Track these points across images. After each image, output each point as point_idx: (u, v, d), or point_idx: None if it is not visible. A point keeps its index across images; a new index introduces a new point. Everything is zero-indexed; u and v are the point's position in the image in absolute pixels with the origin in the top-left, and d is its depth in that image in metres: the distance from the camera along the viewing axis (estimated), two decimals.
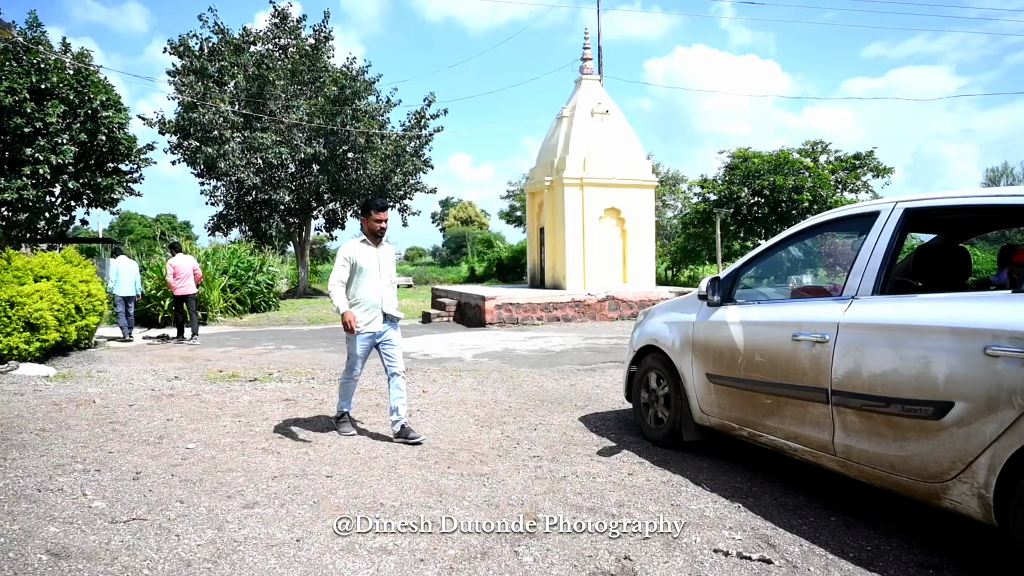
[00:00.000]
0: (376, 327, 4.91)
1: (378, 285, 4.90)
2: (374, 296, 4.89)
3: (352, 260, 4.86)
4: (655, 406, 4.79)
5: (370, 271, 4.88)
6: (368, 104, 24.04)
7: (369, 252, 4.94)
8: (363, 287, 4.86)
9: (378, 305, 4.89)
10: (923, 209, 3.30)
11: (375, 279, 4.89)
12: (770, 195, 23.91)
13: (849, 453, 3.23)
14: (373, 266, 4.91)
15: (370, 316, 4.87)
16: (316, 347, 10.76)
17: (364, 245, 4.95)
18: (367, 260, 4.90)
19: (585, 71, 16.64)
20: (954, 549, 3.02)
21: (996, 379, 2.58)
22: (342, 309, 4.76)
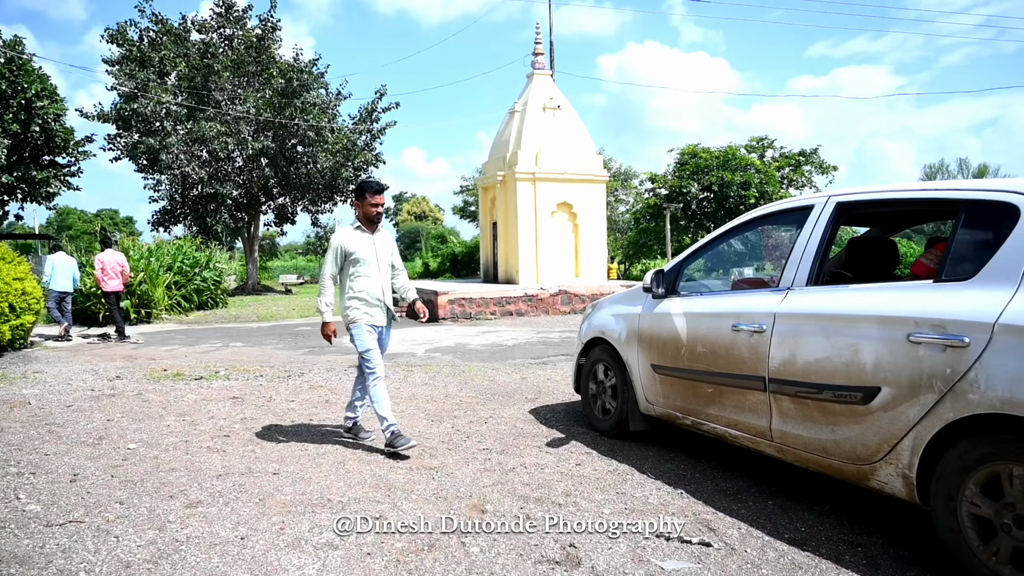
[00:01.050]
0: (380, 320, 4.51)
1: (378, 277, 4.48)
2: (375, 288, 4.46)
3: (345, 250, 4.40)
4: (603, 397, 4.87)
5: (368, 261, 4.45)
6: (317, 97, 23.68)
7: (364, 240, 4.48)
8: (362, 280, 4.44)
9: (380, 298, 4.48)
10: (854, 203, 3.44)
11: (374, 269, 4.46)
12: (719, 190, 24.45)
13: (785, 438, 3.35)
14: (370, 255, 4.47)
15: (373, 310, 4.47)
16: (265, 344, 10.58)
17: (359, 232, 4.49)
18: (363, 249, 4.45)
19: (537, 66, 16.70)
20: (882, 527, 3.17)
21: (918, 365, 2.71)
22: (325, 318, 4.38)
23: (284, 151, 22.91)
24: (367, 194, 4.47)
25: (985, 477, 2.52)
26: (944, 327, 2.64)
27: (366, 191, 4.48)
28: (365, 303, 4.44)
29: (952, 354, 2.59)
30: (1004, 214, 2.66)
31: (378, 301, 4.48)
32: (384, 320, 4.55)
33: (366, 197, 4.46)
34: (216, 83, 21.57)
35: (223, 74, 21.56)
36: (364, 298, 4.43)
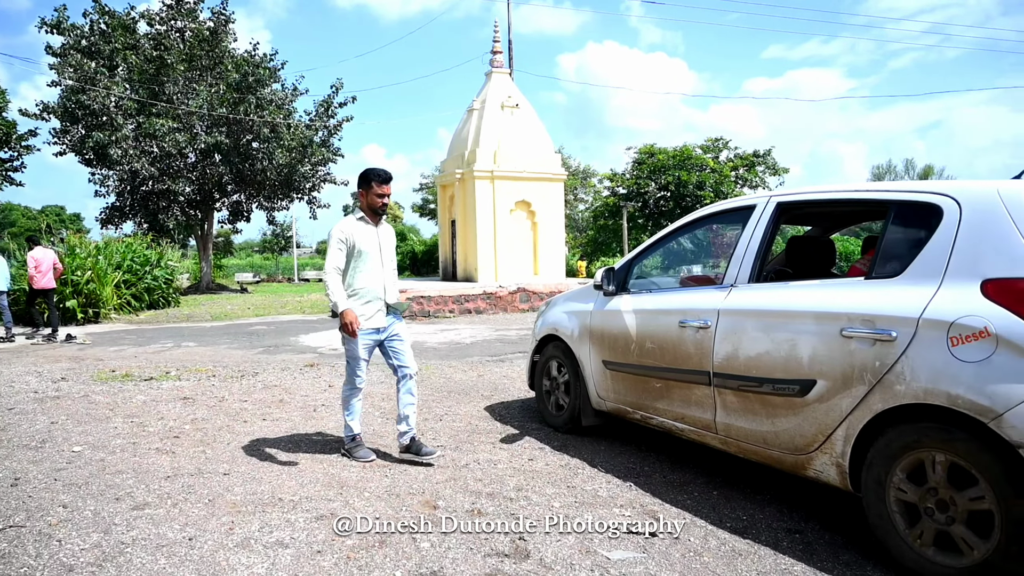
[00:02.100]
0: (380, 321, 4.18)
1: (380, 272, 4.18)
2: (376, 285, 4.15)
3: (349, 242, 4.10)
4: (556, 393, 4.95)
5: (370, 255, 4.15)
6: (273, 92, 23.32)
7: (368, 232, 4.18)
8: (363, 274, 4.13)
9: (381, 296, 4.17)
10: (793, 203, 3.57)
11: (376, 264, 4.17)
12: (675, 189, 24.85)
13: (729, 431, 3.46)
14: (373, 249, 4.17)
15: (372, 309, 4.14)
16: (218, 344, 10.40)
17: (362, 224, 4.18)
18: (367, 242, 4.15)
19: (495, 64, 16.74)
20: (819, 514, 3.30)
21: (850, 358, 2.83)
22: (341, 306, 4.00)
23: (239, 147, 22.49)
24: (373, 183, 4.16)
25: (910, 464, 2.65)
26: (873, 322, 2.77)
27: (372, 179, 4.16)
28: (366, 301, 4.13)
29: (881, 348, 2.72)
30: (929, 214, 2.80)
31: (379, 299, 4.17)
32: (384, 321, 4.20)
33: (372, 186, 4.16)
34: (169, 76, 21.05)
35: (176, 67, 21.06)
36: (364, 296, 4.12)
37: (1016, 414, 2.30)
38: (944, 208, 2.75)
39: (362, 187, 4.20)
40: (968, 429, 2.45)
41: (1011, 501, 2.33)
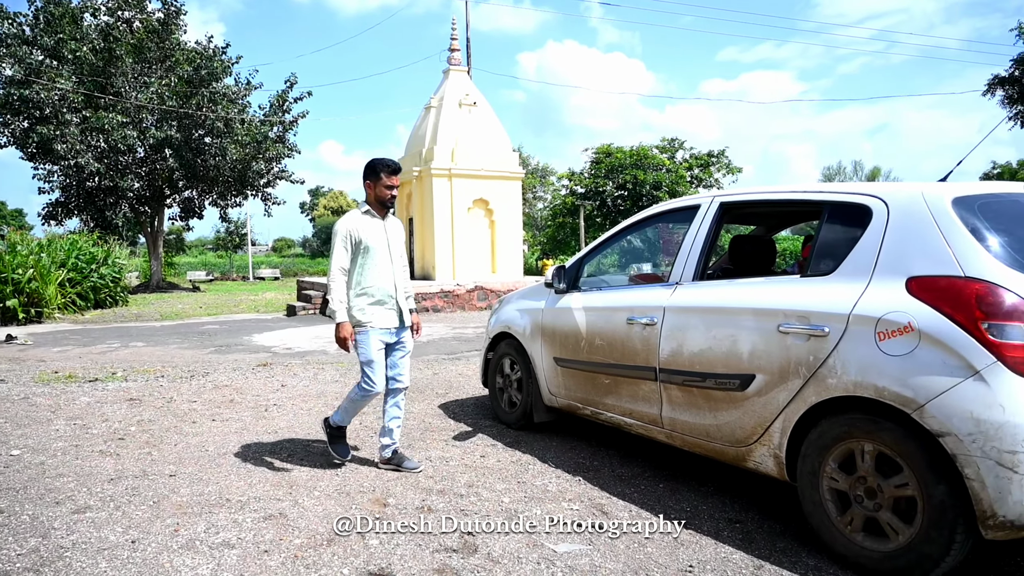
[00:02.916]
0: (392, 321, 3.93)
1: (390, 270, 3.93)
2: (386, 283, 3.90)
3: (355, 238, 3.83)
4: (509, 390, 4.99)
5: (379, 251, 3.89)
6: (226, 86, 22.81)
7: (375, 227, 3.93)
8: (372, 272, 3.86)
9: (392, 295, 3.91)
10: (735, 203, 3.68)
11: (385, 262, 3.92)
12: (632, 189, 25.16)
13: (674, 425, 3.55)
14: (382, 245, 3.91)
15: (384, 310, 3.88)
16: (168, 344, 10.16)
17: (368, 218, 3.93)
18: (374, 237, 3.89)
19: (453, 62, 16.70)
20: (759, 504, 3.42)
21: (787, 353, 2.94)
22: (338, 317, 3.78)
23: (190, 142, 21.94)
24: (382, 173, 3.89)
25: (842, 454, 2.77)
26: (808, 318, 2.88)
27: (381, 170, 3.89)
28: (374, 302, 3.86)
29: (814, 343, 2.83)
30: (859, 215, 2.92)
31: (390, 298, 3.91)
32: (396, 322, 3.95)
33: (381, 177, 3.89)
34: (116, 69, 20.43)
35: (124, 60, 20.45)
36: (373, 295, 3.86)
37: (936, 405, 2.42)
38: (873, 209, 2.88)
39: (369, 178, 3.94)
40: (894, 420, 2.57)
41: (932, 487, 2.45)
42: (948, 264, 2.57)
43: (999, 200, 2.82)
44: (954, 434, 2.38)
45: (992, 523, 2.34)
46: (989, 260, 2.53)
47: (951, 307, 2.49)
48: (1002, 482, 2.30)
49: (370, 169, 3.94)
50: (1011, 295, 2.44)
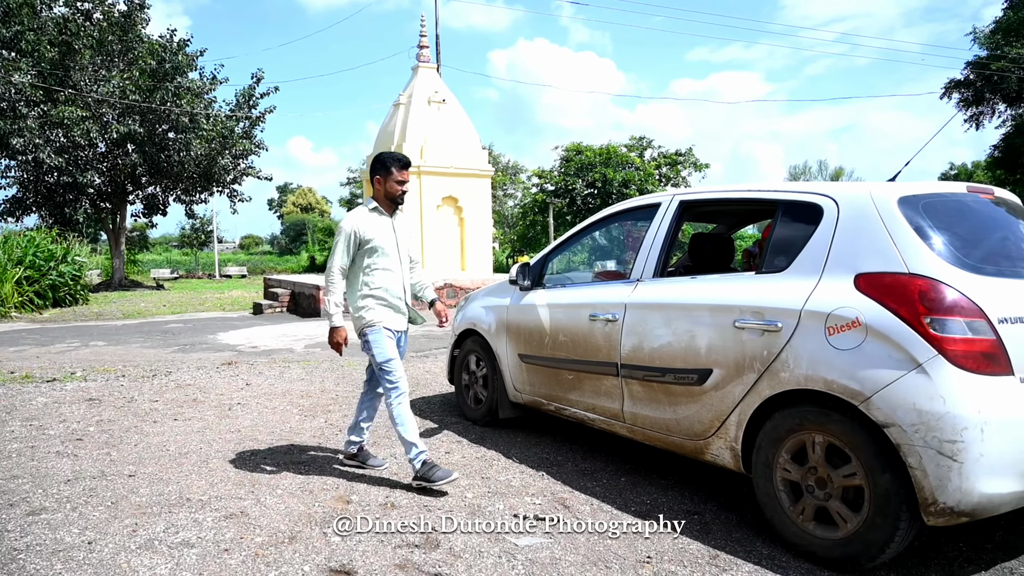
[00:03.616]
0: (400, 325, 3.76)
1: (399, 271, 3.74)
2: (395, 286, 3.71)
3: (360, 236, 3.60)
4: (475, 387, 5.01)
5: (388, 251, 3.68)
6: (191, 81, 22.41)
7: (383, 225, 3.70)
8: (380, 274, 3.66)
9: (401, 298, 3.73)
10: (694, 201, 3.75)
11: (394, 263, 3.71)
12: (602, 187, 25.33)
13: (635, 419, 3.61)
14: (391, 244, 3.70)
15: (394, 314, 3.71)
16: (130, 343, 9.98)
17: (376, 215, 3.70)
18: (383, 236, 3.67)
19: (422, 59, 16.62)
20: (716, 496, 3.50)
21: (742, 348, 3.01)
22: (335, 321, 3.59)
23: (153, 137, 21.51)
24: (393, 168, 3.67)
25: (794, 446, 2.85)
26: (762, 314, 2.96)
27: (392, 164, 3.67)
28: (384, 303, 3.67)
29: (768, 338, 2.91)
30: (811, 214, 3.00)
31: (399, 301, 3.73)
32: (403, 326, 3.79)
33: (392, 171, 3.66)
34: (77, 62, 19.93)
35: (84, 52, 19.95)
36: (383, 297, 3.66)
37: (882, 396, 2.51)
38: (824, 208, 2.96)
39: (379, 172, 3.70)
40: (842, 412, 2.66)
41: (878, 477, 2.54)
42: (893, 261, 2.66)
43: (942, 200, 2.93)
44: (898, 425, 2.47)
45: (933, 510, 2.43)
46: (932, 257, 2.62)
47: (896, 303, 2.58)
48: (943, 470, 2.39)
49: (379, 163, 3.71)
50: (952, 291, 2.54)
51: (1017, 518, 3.19)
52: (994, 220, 3.03)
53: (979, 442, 2.38)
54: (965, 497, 2.39)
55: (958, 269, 2.60)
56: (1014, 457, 2.43)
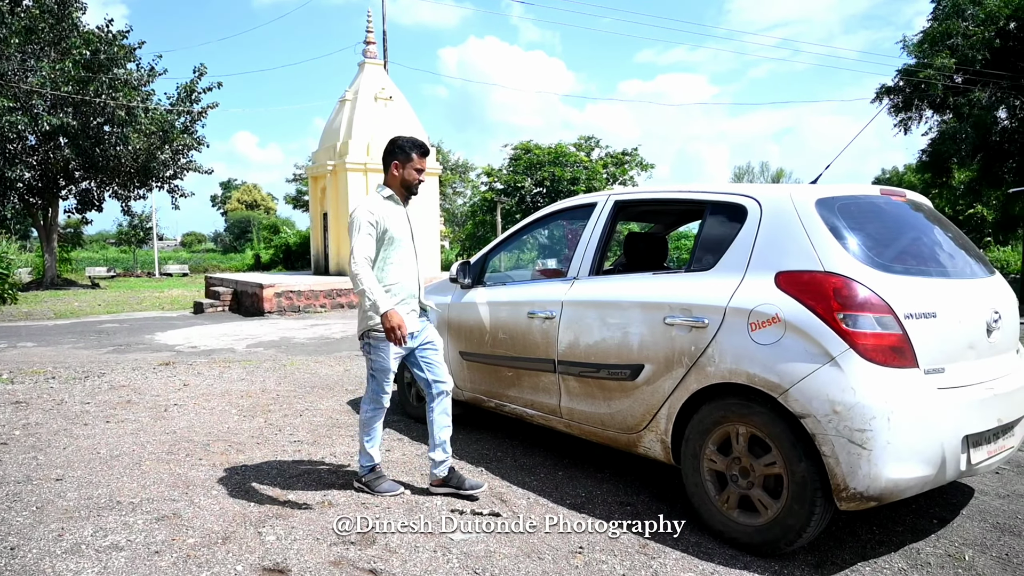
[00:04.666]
0: (413, 325, 3.45)
1: (414, 265, 3.50)
2: (410, 280, 3.44)
3: (380, 226, 3.34)
4: (417, 385, 5.02)
5: (403, 243, 3.43)
6: (128, 72, 21.67)
7: (399, 215, 3.44)
8: (395, 267, 3.39)
9: (415, 295, 3.48)
10: (629, 201, 3.85)
11: (410, 255, 3.46)
12: (551, 185, 25.49)
13: (572, 415, 3.69)
14: (406, 235, 3.45)
15: (405, 310, 3.40)
16: (62, 343, 9.62)
17: (391, 204, 3.43)
18: (399, 227, 3.41)
19: (368, 55, 16.48)
20: (649, 487, 3.61)
21: (672, 343, 3.11)
22: (383, 306, 3.19)
23: (88, 130, 20.73)
24: (413, 154, 3.42)
25: (720, 437, 2.96)
26: (690, 311, 3.06)
27: (412, 150, 3.42)
28: (398, 302, 3.36)
29: (696, 334, 3.02)
30: (736, 213, 3.13)
31: (412, 298, 3.46)
32: (417, 325, 3.49)
33: (412, 157, 3.42)
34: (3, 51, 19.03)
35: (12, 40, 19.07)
36: (396, 294, 3.37)
37: (799, 389, 2.64)
38: (748, 208, 3.09)
39: (397, 158, 3.43)
40: (763, 404, 2.78)
41: (795, 465, 2.67)
42: (810, 260, 2.79)
43: (857, 201, 3.09)
44: (813, 415, 2.60)
45: (845, 495, 2.57)
46: (845, 256, 2.77)
47: (812, 299, 2.71)
48: (853, 458, 2.53)
49: (398, 148, 3.44)
50: (864, 288, 2.68)
51: (928, 502, 3.40)
52: (905, 221, 3.21)
53: (886, 431, 2.52)
54: (874, 483, 2.54)
55: (869, 268, 2.75)
56: (918, 444, 2.59)
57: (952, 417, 2.67)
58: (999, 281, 3.27)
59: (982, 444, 2.82)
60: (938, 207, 27.56)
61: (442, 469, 3.50)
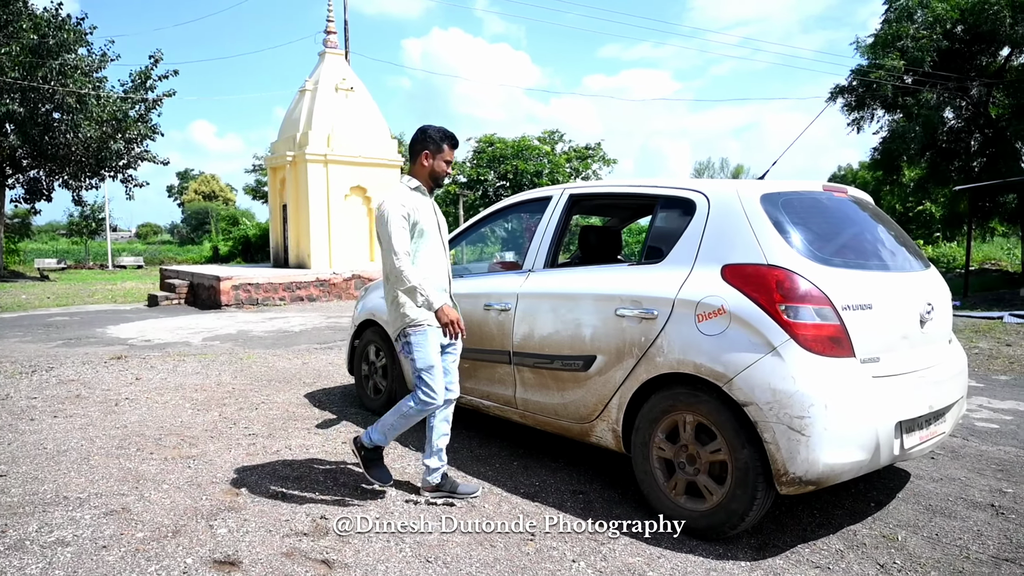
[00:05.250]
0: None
1: (443, 258, 3.39)
2: (440, 272, 3.34)
3: (412, 217, 3.20)
4: (374, 377, 5.02)
5: (432, 235, 3.31)
6: (79, 58, 21.00)
7: (427, 207, 3.32)
8: (426, 261, 3.27)
9: (446, 288, 3.40)
10: (583, 195, 3.91)
11: (438, 246, 3.35)
12: (514, 179, 25.55)
13: (527, 405, 3.74)
14: (434, 227, 3.34)
15: (441, 303, 3.18)
16: (7, 336, 9.33)
17: (419, 195, 3.30)
18: (428, 218, 3.30)
19: (329, 45, 16.26)
20: (601, 476, 3.68)
21: (623, 335, 3.18)
22: (436, 302, 3.09)
23: (36, 117, 20.04)
24: (444, 144, 3.31)
25: (668, 425, 3.04)
26: (640, 303, 3.13)
27: (443, 141, 3.30)
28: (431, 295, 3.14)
29: (646, 325, 3.09)
30: (685, 208, 3.21)
31: (444, 292, 3.37)
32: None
33: (443, 149, 3.31)
34: None
35: None
36: (432, 285, 3.21)
37: (743, 378, 2.73)
38: (697, 203, 3.17)
39: (427, 148, 3.29)
40: (710, 393, 2.86)
41: (738, 452, 2.76)
42: (755, 253, 2.88)
43: (800, 197, 3.19)
44: (756, 403, 2.69)
45: (785, 480, 2.67)
46: (788, 250, 2.86)
47: (755, 291, 2.80)
48: (792, 444, 2.63)
49: (428, 138, 3.30)
50: (805, 281, 2.78)
51: (866, 487, 3.54)
52: (846, 216, 3.33)
53: (823, 417, 2.63)
54: (811, 467, 2.64)
55: (810, 261, 2.85)
56: (854, 431, 2.70)
57: (886, 404, 2.79)
58: (934, 274, 3.41)
59: (915, 430, 2.96)
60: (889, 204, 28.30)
61: (435, 476, 3.39)
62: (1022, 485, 3.61)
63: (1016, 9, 16.09)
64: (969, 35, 17.61)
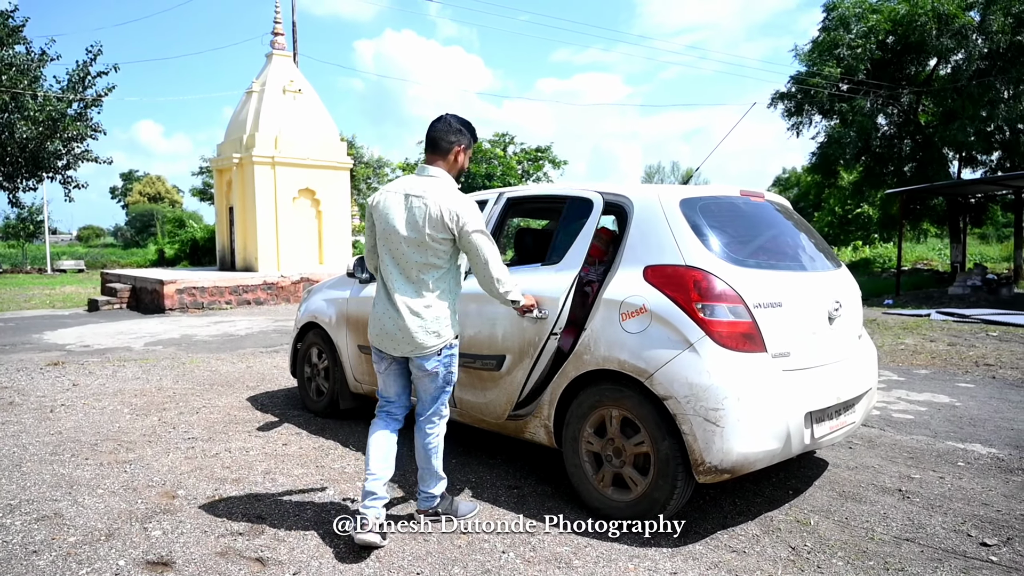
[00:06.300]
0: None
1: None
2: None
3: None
4: (317, 379, 5.05)
5: None
6: (14, 55, 20.26)
7: None
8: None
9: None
10: (518, 198, 4.03)
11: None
12: (465, 180, 25.63)
13: (462, 404, 3.84)
14: None
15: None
16: None
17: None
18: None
19: (277, 46, 16.07)
20: (536, 471, 3.80)
21: (523, 334, 3.35)
22: (511, 294, 2.95)
23: None
24: (475, 138, 3.13)
25: (596, 420, 3.18)
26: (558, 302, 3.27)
27: (475, 133, 3.11)
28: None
29: (540, 325, 3.28)
30: (585, 209, 3.37)
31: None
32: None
33: (474, 142, 3.14)
34: None
35: None
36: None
37: (663, 373, 2.88)
38: (624, 207, 3.32)
39: (463, 142, 3.01)
40: (633, 388, 3.01)
41: (660, 443, 2.91)
42: (674, 255, 3.04)
43: (717, 202, 3.37)
44: (674, 397, 2.84)
45: (702, 469, 2.83)
46: (704, 252, 3.03)
47: (674, 291, 2.96)
48: (708, 435, 2.79)
49: (468, 130, 3.05)
50: (720, 281, 2.95)
51: (785, 475, 3.74)
52: (761, 220, 3.52)
53: (737, 409, 2.80)
54: (727, 456, 2.80)
55: (725, 262, 3.02)
56: (765, 421, 2.88)
57: (796, 396, 2.98)
58: (844, 274, 3.63)
59: (824, 420, 3.16)
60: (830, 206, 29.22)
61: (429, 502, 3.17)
62: (928, 471, 3.87)
63: (942, 22, 16.91)
64: (900, 45, 18.42)
